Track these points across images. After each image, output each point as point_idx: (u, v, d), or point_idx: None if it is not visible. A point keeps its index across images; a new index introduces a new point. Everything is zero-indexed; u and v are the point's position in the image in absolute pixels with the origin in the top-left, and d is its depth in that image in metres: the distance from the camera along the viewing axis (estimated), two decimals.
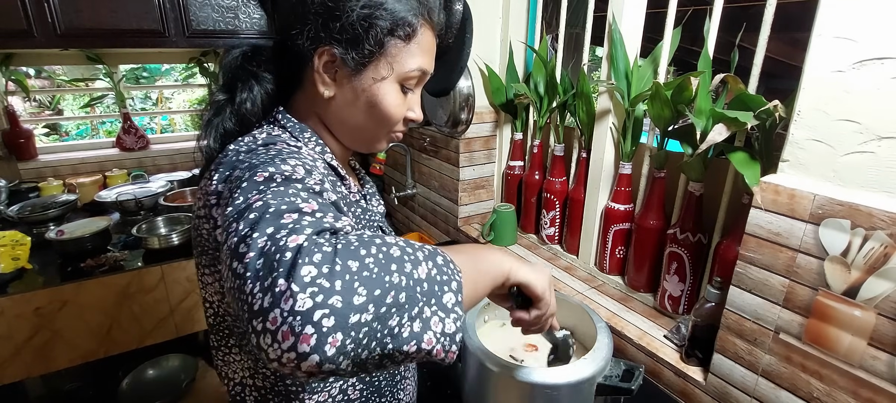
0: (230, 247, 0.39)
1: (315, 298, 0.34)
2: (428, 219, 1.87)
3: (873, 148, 0.62)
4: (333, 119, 0.62)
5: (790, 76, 0.89)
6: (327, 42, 0.55)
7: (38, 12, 1.59)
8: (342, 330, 0.34)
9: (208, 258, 0.58)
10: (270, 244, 0.37)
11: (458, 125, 1.48)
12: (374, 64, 0.57)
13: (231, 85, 0.62)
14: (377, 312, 0.36)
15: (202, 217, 0.55)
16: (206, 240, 0.56)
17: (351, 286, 0.36)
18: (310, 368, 0.34)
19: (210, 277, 0.59)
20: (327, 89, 0.59)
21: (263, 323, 0.35)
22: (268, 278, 0.35)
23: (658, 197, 1.07)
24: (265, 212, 0.40)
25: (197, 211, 0.57)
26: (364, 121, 0.61)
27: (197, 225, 0.57)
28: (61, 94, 3.75)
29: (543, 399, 0.73)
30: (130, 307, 1.52)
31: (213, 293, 0.60)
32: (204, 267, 0.59)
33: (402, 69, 0.58)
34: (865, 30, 0.61)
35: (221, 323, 0.62)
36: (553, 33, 1.50)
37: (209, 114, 0.62)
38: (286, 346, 0.34)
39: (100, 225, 1.65)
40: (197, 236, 0.58)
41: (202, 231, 0.56)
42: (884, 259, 0.61)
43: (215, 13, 1.85)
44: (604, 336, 0.79)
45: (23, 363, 1.42)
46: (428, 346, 0.39)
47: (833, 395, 0.69)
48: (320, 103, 0.61)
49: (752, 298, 0.76)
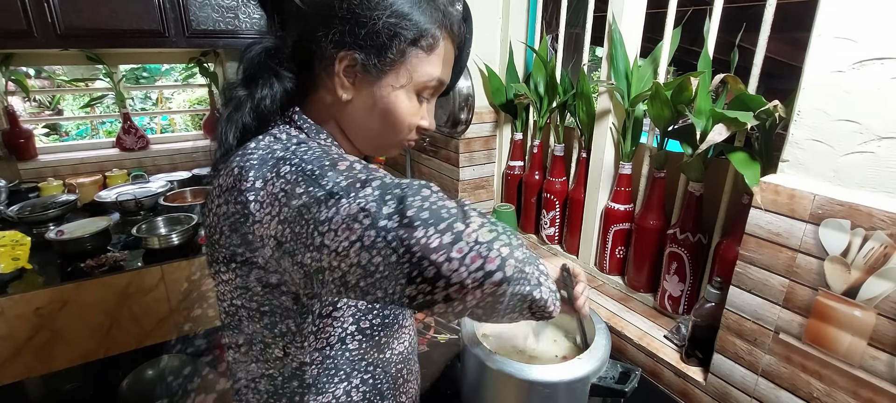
0: (372, 218, 0.43)
1: (491, 232, 0.43)
2: None
3: (873, 148, 0.62)
4: (349, 122, 0.63)
5: (790, 76, 0.89)
6: (351, 47, 0.56)
7: (38, 12, 1.59)
8: (513, 259, 0.44)
9: (227, 253, 0.56)
10: (430, 205, 0.44)
11: (457, 125, 1.48)
12: (394, 71, 0.58)
13: (251, 80, 0.62)
14: (526, 257, 0.47)
15: (224, 215, 0.53)
16: (228, 239, 0.54)
17: (507, 231, 0.45)
18: (492, 284, 0.43)
19: (230, 274, 0.57)
20: (346, 93, 0.59)
21: (447, 255, 0.41)
22: (443, 223, 0.43)
23: (658, 197, 1.07)
24: (396, 186, 0.46)
25: (215, 209, 0.55)
26: (378, 127, 0.62)
27: (213, 222, 0.55)
28: (61, 94, 3.75)
29: (539, 397, 0.73)
30: (130, 307, 1.52)
31: (231, 289, 0.59)
32: (220, 264, 0.58)
33: (420, 78, 0.59)
34: (865, 30, 0.61)
35: (233, 321, 0.61)
36: (553, 33, 1.50)
37: (230, 109, 0.62)
38: (474, 267, 0.42)
39: (100, 225, 1.65)
40: (213, 233, 0.56)
41: (223, 228, 0.54)
42: (884, 259, 0.61)
43: (215, 13, 1.85)
44: (601, 337, 0.79)
45: (23, 363, 1.42)
46: (540, 298, 0.49)
47: (833, 395, 0.69)
48: (337, 106, 0.61)
49: (752, 298, 0.76)
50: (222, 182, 0.54)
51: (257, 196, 0.49)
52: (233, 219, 0.52)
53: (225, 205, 0.53)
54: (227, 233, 0.54)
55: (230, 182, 0.52)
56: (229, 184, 0.52)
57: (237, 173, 0.52)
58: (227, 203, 0.53)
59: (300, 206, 0.46)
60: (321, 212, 0.44)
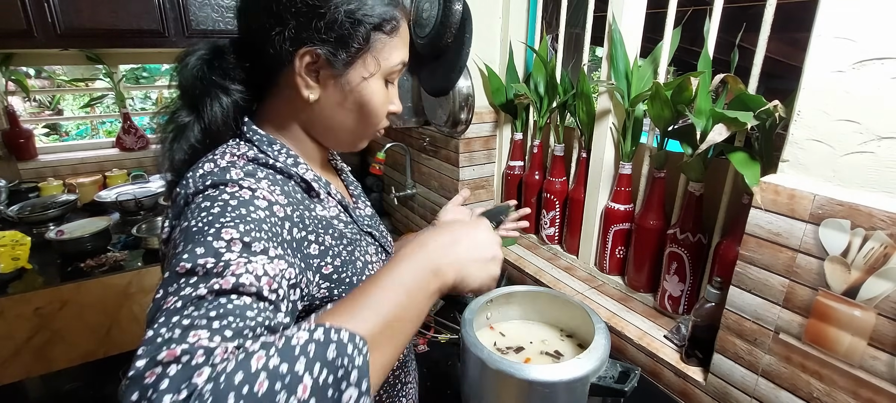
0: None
1: None
2: (428, 219, 1.87)
3: (873, 148, 0.62)
4: (317, 122, 0.60)
5: (790, 76, 0.89)
6: (310, 42, 0.52)
7: (38, 12, 1.59)
8: None
9: None
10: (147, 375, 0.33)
11: (457, 125, 1.48)
12: (361, 61, 0.55)
13: (195, 100, 0.56)
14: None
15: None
16: None
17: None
18: None
19: None
20: (311, 92, 0.55)
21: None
22: None
23: (658, 197, 1.07)
24: (158, 339, 0.35)
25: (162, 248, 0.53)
26: (352, 121, 0.59)
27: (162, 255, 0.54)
28: (61, 94, 3.75)
29: (539, 397, 0.73)
30: (130, 307, 1.52)
31: None
32: None
33: (388, 64, 0.57)
34: (865, 30, 0.60)
35: None
36: (553, 33, 1.50)
37: (170, 137, 0.57)
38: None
39: (100, 225, 1.65)
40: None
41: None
42: (884, 259, 0.61)
43: (215, 13, 1.85)
44: (601, 337, 0.79)
45: (23, 363, 1.42)
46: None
47: (833, 395, 0.69)
48: (301, 107, 0.57)
49: (752, 298, 0.76)
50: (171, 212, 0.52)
51: (167, 246, 0.49)
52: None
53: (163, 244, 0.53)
54: None
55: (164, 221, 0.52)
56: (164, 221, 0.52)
57: (166, 212, 0.52)
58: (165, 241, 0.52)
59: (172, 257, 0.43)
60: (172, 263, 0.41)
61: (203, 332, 0.35)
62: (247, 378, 0.32)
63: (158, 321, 0.36)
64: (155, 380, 0.32)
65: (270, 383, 0.32)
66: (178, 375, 0.33)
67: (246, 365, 0.33)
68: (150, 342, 0.35)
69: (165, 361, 0.33)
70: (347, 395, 0.35)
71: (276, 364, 0.33)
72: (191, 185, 0.49)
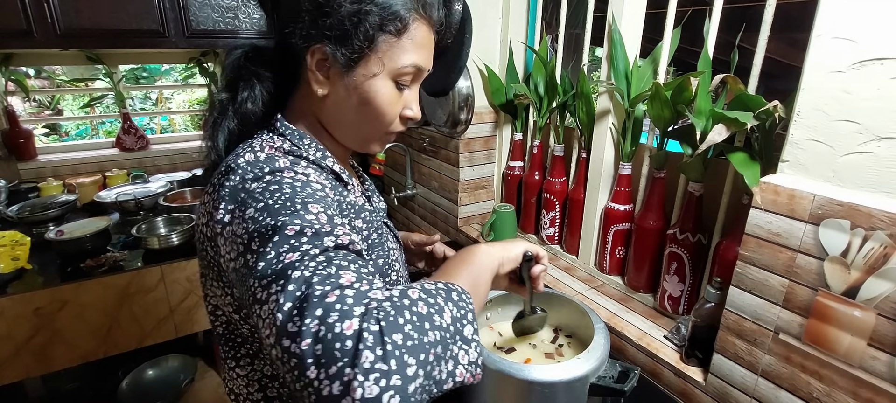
0: (274, 319, 0.40)
1: (379, 383, 0.37)
2: (428, 220, 1.87)
3: (873, 148, 0.62)
4: (329, 118, 0.62)
5: (790, 76, 0.89)
6: (319, 39, 0.54)
7: (38, 12, 1.59)
8: (404, 401, 0.38)
9: (214, 272, 0.57)
10: (325, 330, 0.38)
11: (457, 125, 1.48)
12: (364, 60, 0.56)
13: (233, 84, 0.61)
14: (426, 372, 0.40)
15: (207, 237, 0.55)
16: (211, 258, 0.56)
17: (403, 360, 0.39)
18: None
19: (220, 289, 0.58)
20: (321, 88, 0.58)
21: None
22: (332, 366, 0.37)
23: (658, 197, 1.07)
24: (310, 293, 0.40)
25: (201, 227, 0.56)
26: (358, 120, 0.60)
27: (201, 240, 0.56)
28: (61, 94, 3.75)
29: (538, 396, 0.73)
30: (130, 307, 1.52)
31: (224, 303, 0.59)
32: (211, 280, 0.59)
33: (394, 65, 0.57)
34: (865, 30, 0.61)
35: (231, 336, 0.61)
36: (553, 33, 1.50)
37: (214, 114, 0.62)
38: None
39: (99, 225, 1.65)
40: (202, 250, 0.57)
41: (207, 248, 0.56)
42: (883, 259, 0.61)
43: (215, 13, 1.85)
44: (600, 337, 0.79)
45: (23, 363, 1.42)
46: (461, 379, 0.44)
47: (833, 395, 0.69)
48: (316, 102, 0.60)
49: (751, 298, 0.76)
50: (207, 200, 0.55)
51: (224, 229, 0.50)
52: (209, 243, 0.55)
53: (205, 227, 0.55)
54: (210, 254, 0.55)
55: (210, 206, 0.53)
56: (209, 207, 0.54)
57: (215, 199, 0.52)
58: (207, 225, 0.54)
59: (242, 262, 0.47)
60: (253, 263, 0.44)
61: (349, 272, 0.43)
62: (411, 302, 0.42)
63: (298, 265, 0.41)
64: (339, 297, 0.39)
65: (427, 307, 0.43)
66: (357, 295, 0.40)
67: (406, 292, 0.43)
68: (306, 276, 0.41)
69: (343, 285, 0.41)
70: (468, 330, 0.45)
71: (424, 295, 0.44)
72: (246, 170, 0.52)
